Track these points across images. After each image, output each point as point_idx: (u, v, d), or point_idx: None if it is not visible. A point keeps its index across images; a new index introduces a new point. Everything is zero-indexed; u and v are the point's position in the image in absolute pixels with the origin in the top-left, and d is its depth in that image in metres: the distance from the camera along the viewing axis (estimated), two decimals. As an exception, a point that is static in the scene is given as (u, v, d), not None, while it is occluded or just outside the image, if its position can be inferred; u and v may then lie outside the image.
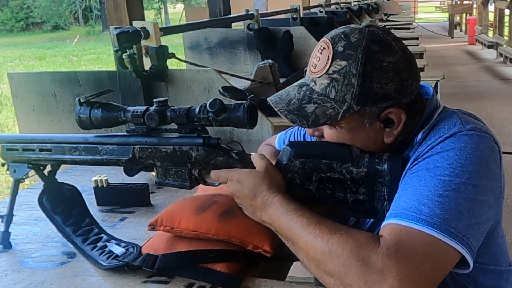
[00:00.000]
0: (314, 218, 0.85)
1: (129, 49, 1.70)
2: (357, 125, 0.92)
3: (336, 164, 0.94)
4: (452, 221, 0.77)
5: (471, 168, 0.82)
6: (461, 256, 0.78)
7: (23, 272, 1.04)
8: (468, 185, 0.80)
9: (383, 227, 0.81)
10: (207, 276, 0.95)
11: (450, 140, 0.86)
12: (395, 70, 0.88)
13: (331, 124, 0.93)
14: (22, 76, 2.03)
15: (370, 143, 0.95)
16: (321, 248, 0.79)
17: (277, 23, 4.06)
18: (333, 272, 0.77)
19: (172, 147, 1.00)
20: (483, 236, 0.83)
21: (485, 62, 9.75)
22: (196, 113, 0.96)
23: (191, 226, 1.01)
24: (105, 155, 1.05)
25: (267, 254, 0.98)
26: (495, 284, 0.95)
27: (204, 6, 19.12)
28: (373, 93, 0.88)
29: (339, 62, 0.89)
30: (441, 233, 0.76)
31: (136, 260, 0.99)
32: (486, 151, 0.85)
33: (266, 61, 2.49)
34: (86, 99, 1.05)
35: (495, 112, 5.65)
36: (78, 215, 1.17)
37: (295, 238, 0.85)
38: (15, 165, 1.13)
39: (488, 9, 12.03)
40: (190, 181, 1.02)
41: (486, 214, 0.82)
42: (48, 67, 12.25)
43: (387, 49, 0.89)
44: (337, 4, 6.61)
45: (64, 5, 25.18)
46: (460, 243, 0.76)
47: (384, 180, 0.91)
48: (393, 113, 0.91)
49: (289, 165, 0.98)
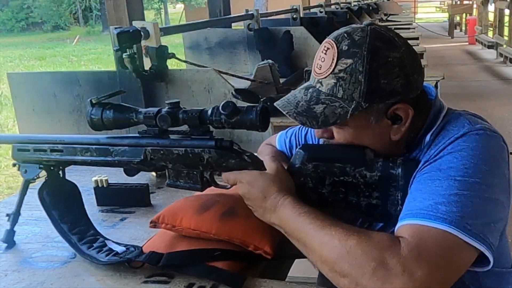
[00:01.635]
0: (328, 220, 0.85)
1: (129, 49, 1.70)
2: (364, 123, 0.92)
3: (350, 167, 0.94)
4: (469, 219, 0.78)
5: (484, 167, 0.83)
6: (478, 254, 0.78)
7: (23, 272, 1.04)
8: (482, 185, 0.81)
9: (400, 227, 0.81)
10: (212, 274, 0.94)
11: (462, 140, 0.86)
12: (401, 65, 0.89)
13: (340, 124, 0.92)
14: (22, 76, 2.03)
15: (377, 140, 0.94)
16: (338, 249, 0.79)
17: (277, 23, 4.06)
18: (348, 273, 0.77)
19: (184, 149, 0.99)
20: (499, 234, 0.84)
21: (485, 62, 9.75)
22: (209, 115, 0.95)
23: (192, 225, 1.01)
24: (117, 157, 1.04)
25: (268, 256, 0.98)
26: (496, 285, 0.95)
27: (204, 6, 19.11)
28: (380, 90, 0.88)
29: (344, 61, 0.89)
30: (459, 230, 0.76)
31: (139, 257, 0.98)
32: (497, 150, 0.86)
33: (266, 61, 2.50)
34: (98, 100, 1.04)
35: (495, 112, 5.65)
36: (76, 213, 1.16)
37: (308, 240, 0.84)
38: (26, 166, 1.13)
39: (488, 9, 12.02)
40: (202, 183, 1.01)
41: (500, 213, 0.83)
42: (48, 67, 12.24)
43: (390, 45, 0.89)
44: (337, 4, 6.61)
45: (64, 5, 25.19)
46: (479, 240, 0.77)
47: (398, 185, 0.91)
48: (400, 109, 0.91)
49: (302, 168, 0.98)
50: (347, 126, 0.93)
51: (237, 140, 1.72)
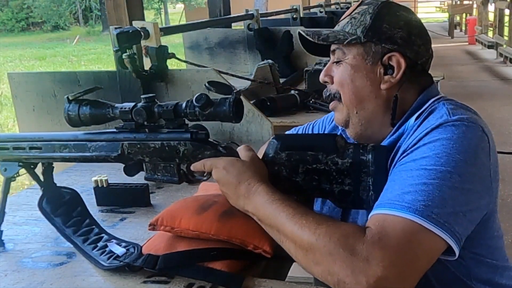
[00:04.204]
0: (300, 209, 0.86)
1: (129, 49, 1.70)
2: (360, 61, 0.99)
3: (322, 155, 0.95)
4: (435, 207, 0.78)
5: (457, 157, 0.82)
6: (446, 243, 0.78)
7: (23, 272, 1.04)
8: (453, 174, 0.81)
9: (369, 218, 0.83)
10: (209, 276, 0.94)
11: (437, 131, 0.87)
12: (407, 23, 0.99)
13: (339, 61, 1.01)
14: (22, 76, 2.02)
15: (367, 85, 0.99)
16: (308, 238, 0.81)
17: (277, 23, 4.07)
18: (321, 261, 0.78)
19: (160, 143, 1.01)
20: (472, 225, 0.84)
21: (485, 62, 9.75)
22: (183, 108, 0.98)
23: (191, 226, 1.01)
24: (95, 152, 1.06)
25: (267, 255, 0.98)
26: (489, 277, 0.95)
27: (204, 6, 19.11)
28: (380, 31, 0.98)
29: (362, 7, 1.02)
30: (422, 218, 0.77)
31: (137, 260, 0.99)
32: (474, 140, 0.86)
33: (266, 61, 2.49)
34: (74, 97, 1.06)
35: (495, 112, 5.65)
36: (78, 216, 1.17)
37: (280, 227, 0.86)
38: (5, 164, 1.13)
39: (488, 9, 12.02)
40: (179, 176, 1.03)
41: (474, 203, 0.83)
42: (48, 67, 12.25)
43: (405, 8, 1.03)
44: (337, 4, 6.62)
45: (64, 5, 25.18)
46: (443, 229, 0.77)
47: (369, 170, 0.92)
48: (394, 57, 0.97)
49: (276, 157, 0.99)
50: (345, 62, 1.00)
51: (237, 140, 1.73)
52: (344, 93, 1.01)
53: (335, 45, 1.02)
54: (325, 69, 1.05)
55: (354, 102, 1.01)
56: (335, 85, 1.03)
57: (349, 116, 1.03)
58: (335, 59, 1.03)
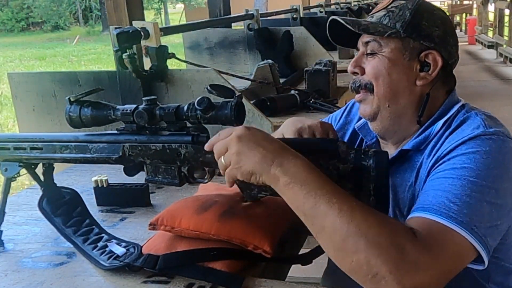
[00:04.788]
0: (343, 191, 0.82)
1: (129, 49, 1.70)
2: (398, 56, 0.99)
3: (323, 160, 0.94)
4: (477, 221, 0.80)
5: (495, 172, 0.85)
6: (476, 254, 0.81)
7: (23, 272, 1.04)
8: (491, 189, 0.83)
9: (411, 219, 0.83)
10: (209, 276, 0.94)
11: (475, 143, 0.89)
12: (443, 21, 1.00)
13: (374, 54, 1.00)
14: (22, 76, 2.03)
15: (403, 79, 0.99)
16: (358, 223, 0.75)
17: (277, 23, 4.07)
18: (362, 250, 0.74)
19: (161, 145, 1.01)
20: (500, 235, 0.86)
21: (485, 62, 9.75)
22: (185, 111, 0.97)
23: (191, 226, 1.01)
24: (95, 153, 1.06)
25: (267, 255, 0.98)
26: (502, 280, 0.97)
27: (204, 6, 19.11)
28: (420, 28, 0.98)
29: (399, 1, 1.02)
30: (467, 231, 0.79)
31: (137, 260, 0.99)
32: (508, 155, 0.89)
33: (266, 61, 2.49)
34: (76, 98, 1.06)
35: (495, 112, 5.56)
36: (78, 216, 1.17)
37: (322, 199, 0.78)
38: (6, 164, 1.13)
39: (488, 9, 12.02)
40: (180, 178, 1.03)
41: (505, 217, 0.86)
42: (48, 67, 12.25)
43: (439, 9, 1.04)
44: (337, 4, 6.62)
45: (64, 5, 25.20)
46: (480, 242, 0.80)
47: (370, 176, 0.92)
48: (431, 55, 0.98)
49: None
50: (382, 55, 0.99)
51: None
52: (378, 85, 1.00)
53: (371, 36, 1.00)
54: (355, 59, 1.04)
55: (388, 95, 1.00)
56: (367, 76, 1.01)
57: (379, 108, 1.02)
58: (368, 50, 1.01)
